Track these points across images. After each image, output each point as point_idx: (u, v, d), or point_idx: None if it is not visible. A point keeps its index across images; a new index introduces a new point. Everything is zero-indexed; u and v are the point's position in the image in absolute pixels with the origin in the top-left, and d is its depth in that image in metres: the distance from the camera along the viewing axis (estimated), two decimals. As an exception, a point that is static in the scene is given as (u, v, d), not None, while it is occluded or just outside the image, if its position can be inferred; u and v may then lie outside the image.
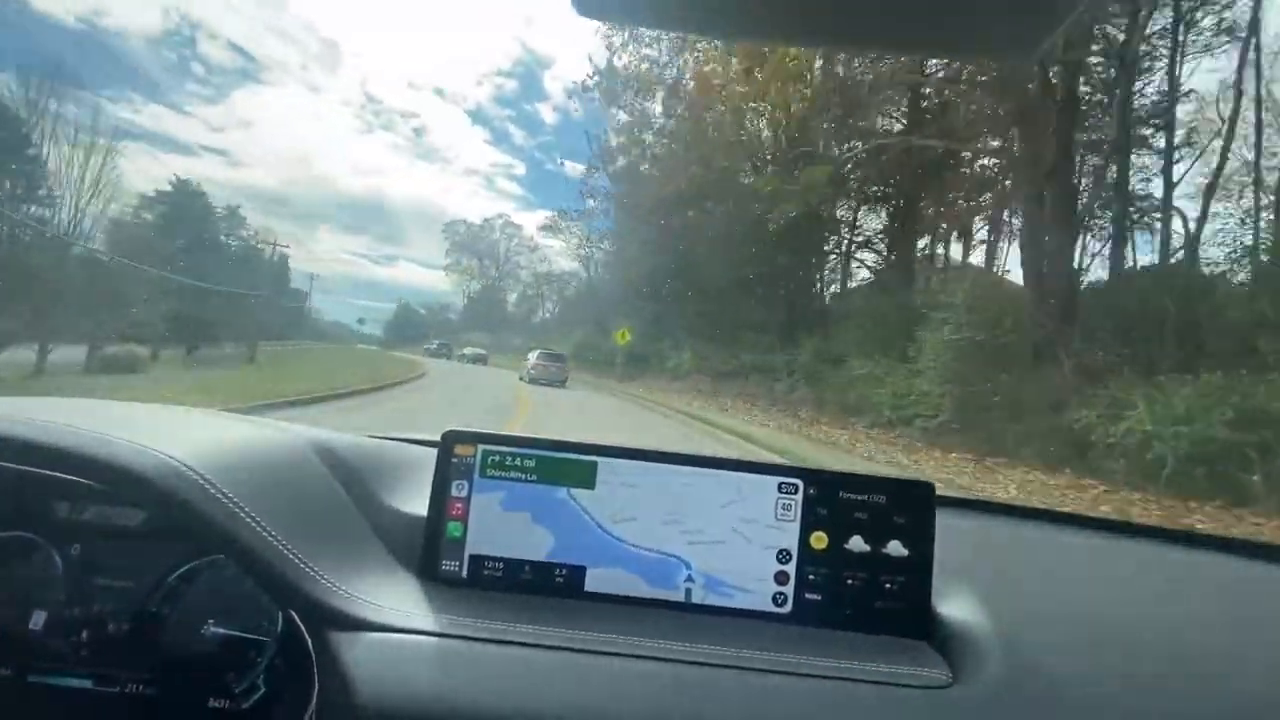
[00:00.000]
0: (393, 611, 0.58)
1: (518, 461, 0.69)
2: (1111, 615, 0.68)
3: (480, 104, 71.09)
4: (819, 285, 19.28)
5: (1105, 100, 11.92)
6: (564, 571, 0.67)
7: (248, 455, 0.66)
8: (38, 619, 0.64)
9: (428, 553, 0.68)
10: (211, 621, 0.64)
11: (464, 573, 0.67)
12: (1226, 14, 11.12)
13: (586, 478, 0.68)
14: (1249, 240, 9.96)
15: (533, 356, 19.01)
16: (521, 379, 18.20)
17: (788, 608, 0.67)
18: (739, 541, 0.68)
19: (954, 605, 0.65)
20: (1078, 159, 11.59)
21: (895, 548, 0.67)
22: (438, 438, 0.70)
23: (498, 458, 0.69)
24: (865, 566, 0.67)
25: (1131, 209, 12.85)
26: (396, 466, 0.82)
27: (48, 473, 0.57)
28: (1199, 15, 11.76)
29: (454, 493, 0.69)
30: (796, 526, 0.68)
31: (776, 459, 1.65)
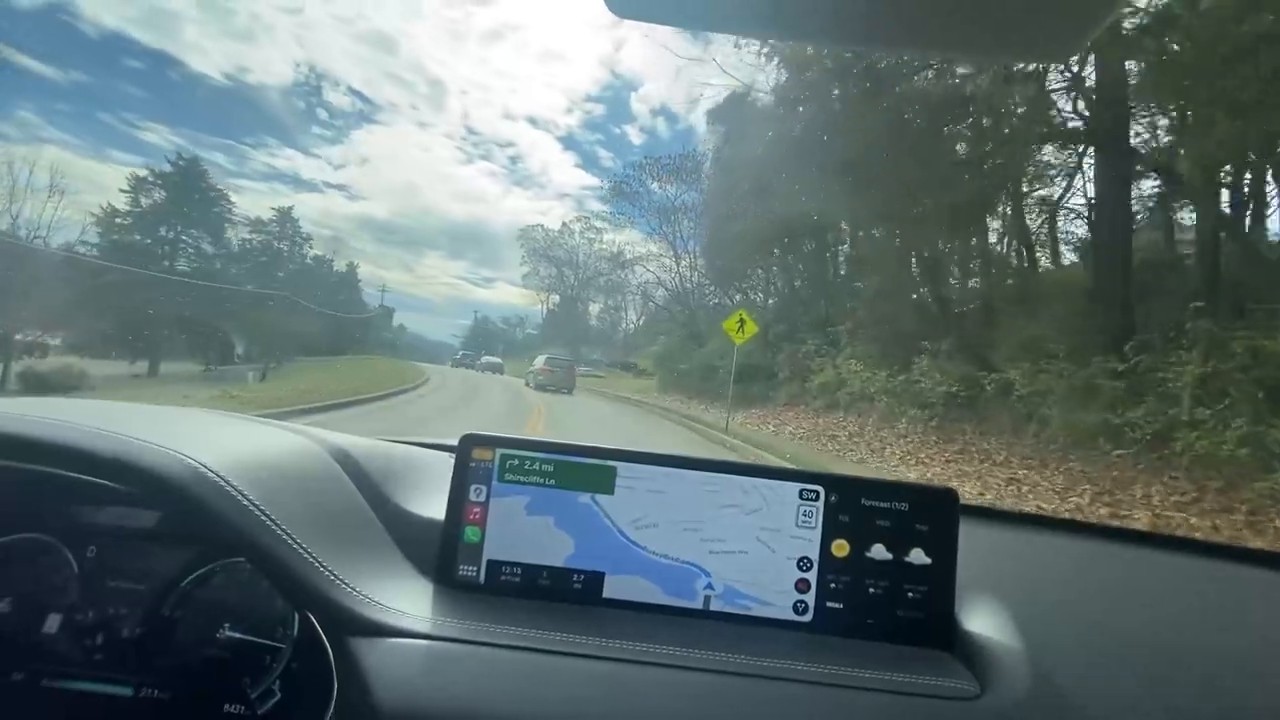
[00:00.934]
0: (410, 616, 0.58)
1: (536, 466, 0.68)
2: (1137, 626, 0.65)
3: (571, 130, 73.84)
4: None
5: None
6: (582, 578, 0.67)
7: (267, 459, 0.66)
8: (52, 622, 0.64)
9: (445, 557, 0.68)
10: (227, 625, 0.63)
11: (481, 578, 0.67)
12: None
13: (605, 483, 0.68)
14: None
15: (539, 361, 18.41)
16: (527, 384, 17.77)
17: (809, 616, 0.66)
18: (760, 549, 0.67)
19: (977, 615, 0.64)
20: None
21: (918, 556, 0.66)
22: (455, 441, 0.70)
23: (516, 462, 0.68)
24: (887, 575, 0.66)
25: None
26: (414, 471, 0.82)
27: (64, 474, 0.57)
28: None
29: (472, 497, 0.68)
30: (818, 534, 0.67)
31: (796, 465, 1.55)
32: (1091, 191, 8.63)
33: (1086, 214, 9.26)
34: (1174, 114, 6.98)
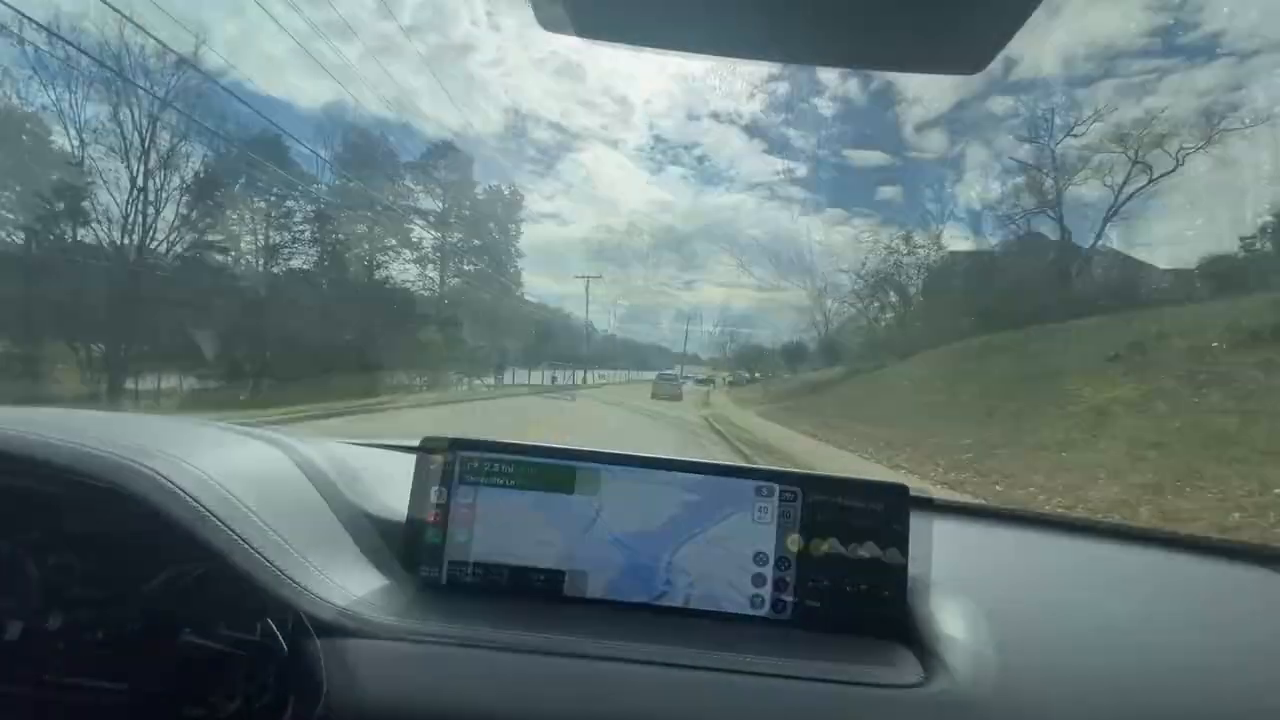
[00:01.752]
0: (372, 618, 0.59)
1: (495, 467, 0.69)
2: (1084, 616, 0.66)
3: (754, 116, 71.68)
4: None
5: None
6: (542, 576, 0.68)
7: (230, 467, 0.67)
8: (14, 630, 0.65)
9: (406, 558, 0.69)
10: (188, 630, 0.64)
11: (443, 577, 0.68)
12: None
13: (564, 483, 0.69)
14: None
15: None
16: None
17: (765, 610, 0.67)
18: (721, 545, 0.68)
19: (929, 606, 0.65)
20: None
21: (870, 549, 0.67)
22: (416, 443, 0.71)
23: (475, 464, 0.69)
24: (841, 568, 0.67)
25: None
26: (376, 473, 0.82)
27: (23, 483, 0.59)
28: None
29: (432, 499, 0.69)
30: (774, 529, 0.68)
31: (755, 465, 1.46)
32: None
33: None
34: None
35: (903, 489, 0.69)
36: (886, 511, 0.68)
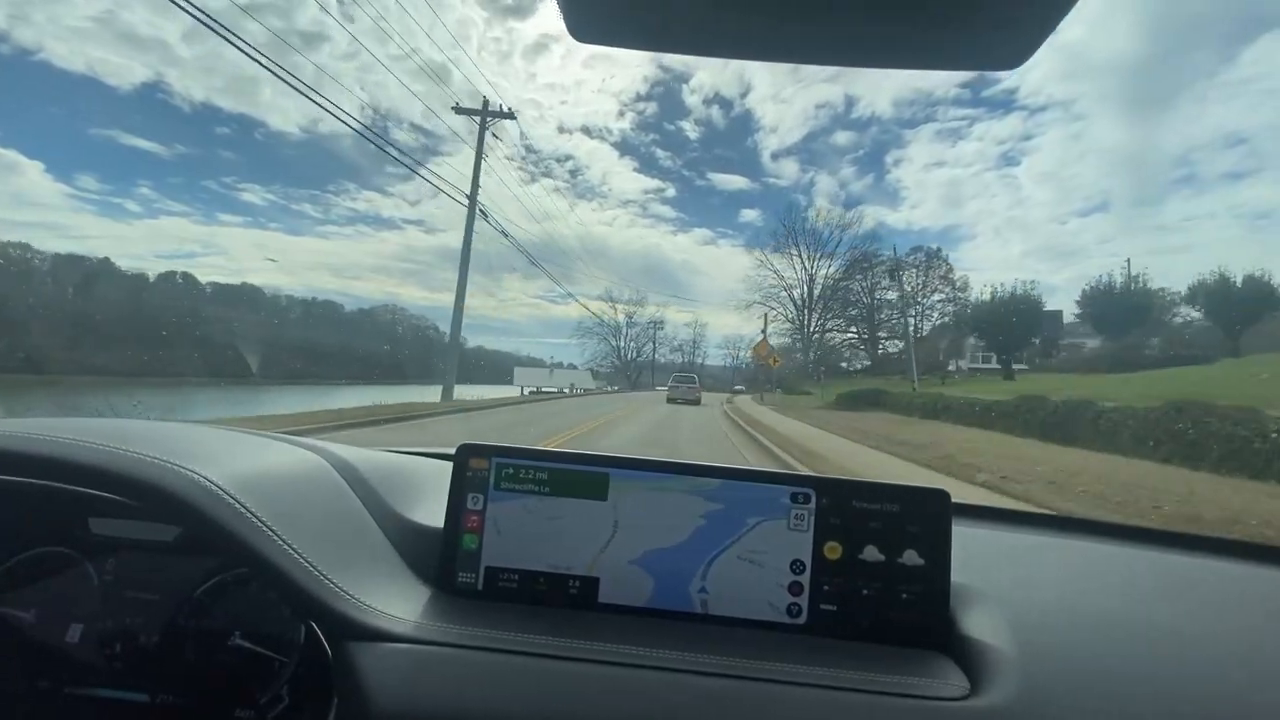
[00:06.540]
0: (410, 623, 0.59)
1: (531, 474, 0.70)
2: (1130, 624, 0.64)
3: (625, 134, 74.20)
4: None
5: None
6: (578, 583, 0.68)
7: (272, 473, 0.68)
8: (74, 632, 0.67)
9: (444, 565, 0.69)
10: (237, 634, 0.65)
11: (480, 585, 0.68)
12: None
13: (599, 490, 0.69)
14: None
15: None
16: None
17: (802, 618, 0.66)
18: (753, 553, 0.67)
19: (971, 615, 0.64)
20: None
21: (911, 557, 0.66)
22: (453, 451, 0.71)
23: (512, 470, 0.70)
24: (880, 576, 0.66)
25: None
26: (414, 480, 0.83)
27: (84, 490, 0.59)
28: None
29: (469, 505, 0.69)
30: (810, 536, 0.67)
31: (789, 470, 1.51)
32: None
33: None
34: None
35: (944, 495, 0.67)
36: (927, 518, 0.66)
